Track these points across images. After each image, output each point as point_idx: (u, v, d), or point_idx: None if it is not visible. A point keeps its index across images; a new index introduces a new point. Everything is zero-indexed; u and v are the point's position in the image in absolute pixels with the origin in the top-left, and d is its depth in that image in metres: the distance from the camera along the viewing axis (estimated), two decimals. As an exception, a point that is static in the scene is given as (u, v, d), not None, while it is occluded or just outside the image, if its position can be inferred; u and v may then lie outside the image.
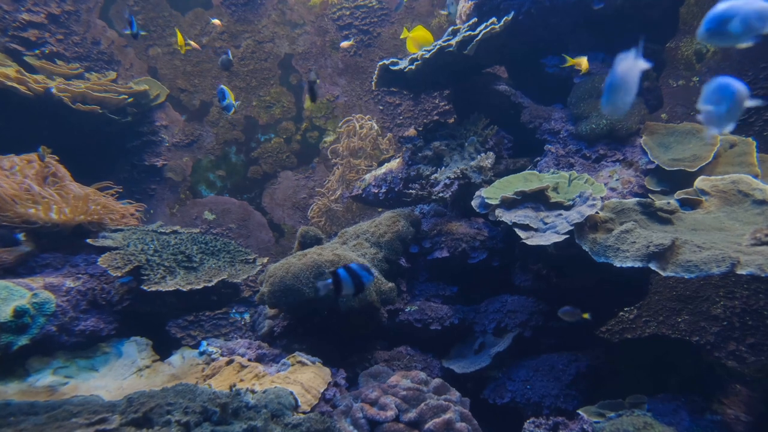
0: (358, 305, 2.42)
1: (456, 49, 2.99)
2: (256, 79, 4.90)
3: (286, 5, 4.91)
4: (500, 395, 2.53)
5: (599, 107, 2.97)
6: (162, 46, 4.81)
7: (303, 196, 4.87)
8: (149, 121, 4.64)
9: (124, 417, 1.66)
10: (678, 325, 3.41)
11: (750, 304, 3.25)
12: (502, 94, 3.31)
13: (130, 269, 2.63)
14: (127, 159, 4.59)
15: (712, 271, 1.85)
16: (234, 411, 1.71)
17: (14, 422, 1.65)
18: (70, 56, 4.45)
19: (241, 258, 3.06)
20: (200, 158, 4.81)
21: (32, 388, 2.21)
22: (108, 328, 2.58)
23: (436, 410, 2.01)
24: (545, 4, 3.05)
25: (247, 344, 2.54)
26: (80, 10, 4.53)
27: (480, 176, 2.99)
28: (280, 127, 4.90)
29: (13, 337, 2.22)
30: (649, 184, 2.77)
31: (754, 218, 2.27)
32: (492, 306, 2.82)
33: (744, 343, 3.23)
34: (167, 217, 4.66)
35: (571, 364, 2.52)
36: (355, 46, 4.84)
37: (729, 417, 2.03)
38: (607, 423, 2.03)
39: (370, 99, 4.93)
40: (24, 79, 3.57)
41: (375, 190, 3.63)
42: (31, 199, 2.69)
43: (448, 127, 3.46)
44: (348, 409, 2.06)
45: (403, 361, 2.66)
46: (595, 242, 2.19)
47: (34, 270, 2.66)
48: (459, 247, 2.87)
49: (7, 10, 4.14)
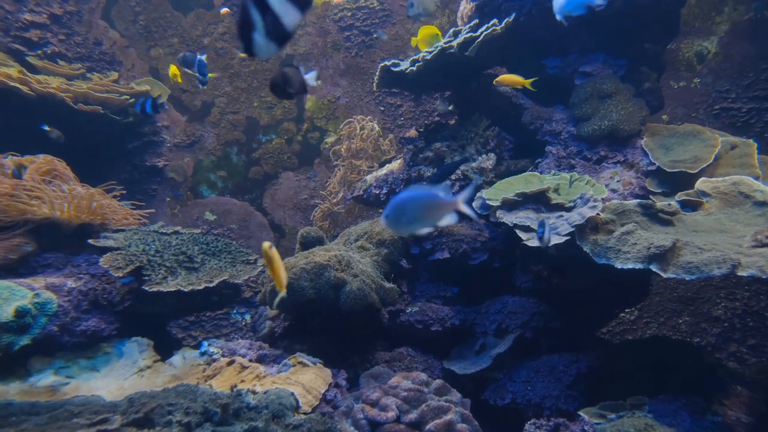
0: (359, 306, 2.43)
1: (457, 50, 2.99)
2: (257, 79, 4.90)
3: (288, 6, 4.92)
4: (501, 396, 2.53)
5: (601, 108, 2.97)
6: (164, 47, 4.82)
7: (304, 197, 4.87)
8: (150, 121, 4.64)
9: (125, 417, 1.66)
10: (679, 327, 3.41)
11: (751, 305, 3.25)
12: (503, 95, 3.31)
13: (131, 270, 2.63)
14: (128, 159, 4.59)
15: (713, 273, 1.85)
16: (235, 411, 1.72)
17: (15, 422, 1.65)
18: (72, 57, 4.46)
19: (242, 259, 3.06)
20: (201, 159, 4.82)
21: (33, 389, 2.21)
22: (109, 328, 2.58)
23: (437, 411, 2.01)
24: (546, 5, 3.05)
25: (248, 345, 2.54)
26: (82, 10, 4.54)
27: (481, 177, 3.00)
28: (282, 127, 4.91)
29: (14, 337, 2.23)
30: (650, 186, 2.77)
31: (755, 220, 2.27)
32: (493, 307, 2.82)
33: (745, 345, 3.23)
34: (168, 217, 4.67)
35: (571, 365, 2.52)
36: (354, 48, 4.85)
37: (730, 418, 2.03)
38: (608, 424, 2.02)
39: (371, 100, 4.93)
40: (26, 79, 3.58)
41: (376, 191, 3.63)
42: (34, 196, 2.69)
43: (449, 128, 3.46)
44: (349, 410, 2.06)
45: (404, 362, 2.66)
46: (596, 243, 2.19)
47: (35, 270, 2.67)
48: (460, 248, 2.87)
49: (9, 11, 4.14)
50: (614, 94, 2.99)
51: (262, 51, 1.22)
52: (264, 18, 1.18)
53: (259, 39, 1.20)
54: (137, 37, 4.81)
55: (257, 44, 1.21)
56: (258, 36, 1.20)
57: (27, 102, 3.59)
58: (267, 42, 1.21)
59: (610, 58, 3.15)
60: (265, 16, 1.18)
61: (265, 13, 1.18)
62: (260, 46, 1.21)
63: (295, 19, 1.21)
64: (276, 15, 1.19)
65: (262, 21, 1.18)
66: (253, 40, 1.20)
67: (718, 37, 3.86)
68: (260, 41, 1.20)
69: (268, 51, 1.23)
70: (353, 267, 2.54)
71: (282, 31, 1.21)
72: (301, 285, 2.42)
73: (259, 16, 1.18)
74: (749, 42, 3.73)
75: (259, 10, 1.18)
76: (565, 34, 3.20)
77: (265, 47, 1.21)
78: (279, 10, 1.18)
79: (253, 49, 1.22)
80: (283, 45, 1.28)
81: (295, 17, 1.21)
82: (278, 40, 1.22)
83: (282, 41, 1.23)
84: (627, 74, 3.12)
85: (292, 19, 1.20)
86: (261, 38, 1.20)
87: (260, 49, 1.22)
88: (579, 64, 3.18)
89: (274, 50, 1.24)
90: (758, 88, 3.67)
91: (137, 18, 4.79)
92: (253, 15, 1.18)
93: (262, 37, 1.20)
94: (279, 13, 1.18)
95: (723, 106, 3.80)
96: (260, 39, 1.20)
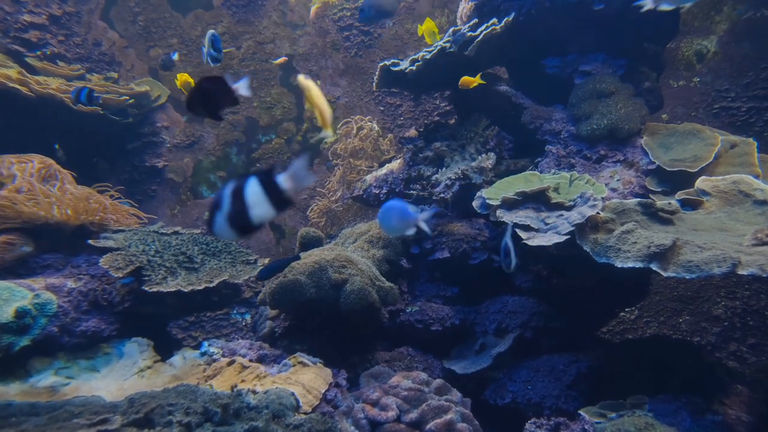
0: (359, 306, 2.43)
1: (457, 49, 2.99)
2: (257, 80, 4.90)
3: (287, 6, 4.92)
4: (501, 396, 2.53)
5: (600, 108, 2.97)
6: (163, 48, 4.82)
7: (304, 197, 4.87)
8: (150, 122, 4.64)
9: (125, 417, 1.66)
10: (679, 326, 3.41)
11: (751, 304, 3.25)
12: (503, 94, 3.31)
13: (131, 270, 2.63)
14: (127, 160, 4.59)
15: (714, 272, 1.85)
16: (235, 411, 1.72)
17: (15, 423, 1.65)
18: (72, 57, 4.46)
19: (242, 259, 3.06)
20: (201, 159, 4.82)
21: (34, 389, 2.21)
22: (109, 328, 2.58)
23: (438, 411, 2.01)
24: (546, 5, 3.05)
25: (249, 345, 2.54)
26: (81, 11, 4.53)
27: (481, 177, 2.99)
28: (281, 128, 4.90)
29: (14, 338, 2.23)
30: (650, 185, 2.77)
31: (755, 218, 2.27)
32: (493, 307, 2.82)
33: (745, 344, 3.23)
34: (168, 218, 4.66)
35: (571, 364, 2.52)
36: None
37: (730, 417, 2.03)
38: (608, 423, 2.02)
39: (371, 100, 4.93)
40: (26, 80, 3.58)
41: (376, 191, 3.63)
42: (32, 197, 2.69)
43: (449, 128, 3.46)
44: (349, 410, 2.06)
45: (404, 362, 2.66)
46: (596, 243, 2.19)
47: (35, 271, 2.67)
48: (460, 247, 2.87)
49: (8, 12, 4.14)
50: (614, 93, 2.99)
51: (220, 233, 1.20)
52: (233, 204, 1.16)
53: (220, 221, 1.17)
54: (136, 37, 4.80)
55: (217, 225, 1.17)
56: (220, 218, 1.17)
57: (27, 103, 3.59)
58: (227, 228, 1.18)
59: (610, 58, 3.15)
60: (236, 203, 1.16)
61: (238, 200, 1.16)
62: (220, 228, 1.18)
63: (267, 216, 1.19)
64: (246, 206, 1.16)
65: (230, 206, 1.16)
66: (215, 221, 1.17)
67: (718, 36, 3.86)
68: (221, 224, 1.17)
69: (226, 235, 1.20)
70: (353, 267, 2.54)
71: (246, 223, 1.18)
72: (302, 284, 2.42)
73: (230, 201, 1.16)
74: (749, 41, 3.73)
75: (233, 195, 1.16)
76: (564, 33, 3.20)
77: (223, 232, 1.18)
78: (251, 202, 1.16)
79: (213, 228, 1.19)
80: (245, 235, 1.25)
81: (266, 214, 1.18)
82: (239, 230, 1.19)
83: (243, 232, 1.20)
84: (626, 73, 3.12)
85: (262, 215, 1.18)
86: (222, 221, 1.17)
87: (219, 231, 1.19)
88: (578, 64, 3.18)
89: (233, 237, 1.22)
90: (758, 87, 3.67)
91: (136, 18, 4.79)
92: (226, 197, 1.16)
93: (223, 220, 1.17)
94: (250, 205, 1.16)
95: (722, 105, 3.80)
96: (221, 222, 1.17)
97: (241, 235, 1.21)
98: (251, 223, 1.18)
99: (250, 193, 1.16)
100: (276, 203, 1.17)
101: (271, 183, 1.17)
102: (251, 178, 1.17)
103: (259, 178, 1.17)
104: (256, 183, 1.16)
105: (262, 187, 1.16)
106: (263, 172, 1.18)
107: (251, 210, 1.16)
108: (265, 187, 1.16)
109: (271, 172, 1.18)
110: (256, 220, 1.18)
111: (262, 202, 1.16)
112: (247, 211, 1.16)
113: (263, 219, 1.20)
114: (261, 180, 1.17)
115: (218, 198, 1.17)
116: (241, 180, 1.17)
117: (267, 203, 1.17)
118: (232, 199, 1.16)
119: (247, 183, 1.17)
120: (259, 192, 1.16)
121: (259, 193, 1.16)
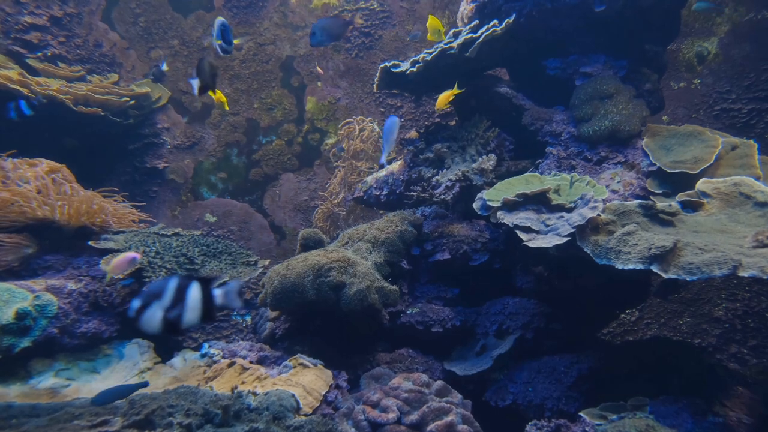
0: (359, 307, 2.42)
1: (457, 51, 2.99)
2: (257, 81, 4.90)
3: (288, 7, 4.93)
4: (502, 397, 2.52)
5: (601, 109, 2.97)
6: (164, 49, 4.82)
7: (304, 198, 4.87)
8: (151, 123, 4.64)
9: (126, 419, 1.66)
10: (680, 328, 3.41)
11: (752, 306, 3.25)
12: (504, 96, 3.31)
13: (132, 271, 2.63)
14: (128, 161, 4.59)
15: (714, 274, 1.85)
16: (236, 413, 1.72)
17: (16, 424, 1.65)
18: (72, 59, 4.46)
19: (242, 260, 3.06)
20: (202, 160, 4.82)
21: (34, 390, 2.21)
22: (110, 330, 2.58)
23: (438, 412, 2.01)
24: (547, 6, 3.05)
25: (249, 346, 2.54)
26: (82, 12, 4.54)
27: (481, 178, 2.99)
28: (282, 129, 4.91)
29: (15, 339, 2.23)
30: (650, 187, 2.77)
31: (756, 220, 2.27)
32: (493, 308, 2.82)
33: (746, 345, 3.22)
34: (169, 219, 4.66)
35: (572, 366, 2.52)
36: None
37: (731, 419, 2.03)
38: (609, 425, 2.02)
39: (372, 101, 4.93)
40: (27, 81, 3.58)
41: (376, 193, 3.63)
42: (35, 199, 2.70)
43: (450, 130, 3.46)
44: (350, 412, 2.06)
45: (405, 363, 2.66)
46: (596, 244, 2.19)
47: (36, 272, 2.67)
48: (460, 249, 2.87)
49: (9, 13, 4.15)
50: (615, 94, 2.99)
51: (146, 324, 1.19)
52: (175, 301, 1.16)
53: (155, 312, 1.17)
54: (137, 38, 4.81)
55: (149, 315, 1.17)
56: (157, 309, 1.17)
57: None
58: (158, 321, 1.17)
59: (611, 59, 3.15)
60: (177, 301, 1.16)
61: (179, 300, 1.16)
62: (150, 319, 1.17)
63: (194, 322, 1.20)
64: (185, 308, 1.17)
65: (171, 303, 1.16)
66: (149, 310, 1.17)
67: (719, 38, 3.86)
68: (154, 315, 1.17)
69: (151, 328, 1.19)
70: (354, 268, 2.54)
71: (177, 322, 1.19)
72: (302, 286, 2.42)
73: (172, 297, 1.16)
74: (749, 43, 3.73)
75: (177, 293, 1.16)
76: (565, 35, 3.20)
77: (151, 324, 1.18)
78: (190, 306, 1.17)
79: (141, 317, 1.18)
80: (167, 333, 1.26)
81: (194, 320, 1.20)
82: (168, 327, 1.19)
83: (169, 330, 1.20)
84: (627, 75, 3.12)
85: (192, 321, 1.19)
86: (157, 313, 1.17)
87: (147, 321, 1.18)
88: (579, 65, 3.18)
89: (156, 331, 1.20)
90: (759, 89, 3.67)
91: (137, 20, 4.79)
92: (169, 292, 1.16)
93: (159, 313, 1.17)
94: (189, 308, 1.17)
95: (723, 106, 3.80)
96: (156, 313, 1.17)
97: (165, 332, 1.20)
98: (181, 324, 1.19)
99: (192, 297, 1.17)
100: (205, 314, 1.19)
101: (208, 294, 1.19)
102: (194, 283, 1.18)
103: (201, 286, 1.19)
104: (197, 289, 1.18)
105: (202, 294, 1.18)
106: (204, 280, 1.20)
107: (187, 313, 1.18)
108: (203, 296, 1.19)
109: (210, 283, 1.20)
110: (186, 324, 1.20)
111: (197, 308, 1.18)
112: (184, 312, 1.18)
113: (190, 324, 1.21)
114: (202, 288, 1.19)
115: (160, 290, 1.17)
116: (184, 281, 1.19)
117: (199, 311, 1.18)
118: (175, 297, 1.17)
119: (190, 286, 1.18)
120: (198, 299, 1.18)
121: (197, 299, 1.18)
